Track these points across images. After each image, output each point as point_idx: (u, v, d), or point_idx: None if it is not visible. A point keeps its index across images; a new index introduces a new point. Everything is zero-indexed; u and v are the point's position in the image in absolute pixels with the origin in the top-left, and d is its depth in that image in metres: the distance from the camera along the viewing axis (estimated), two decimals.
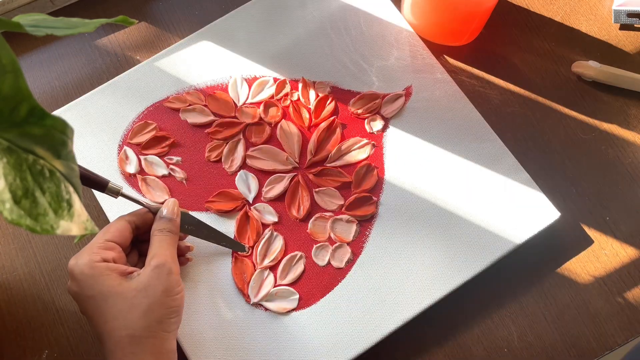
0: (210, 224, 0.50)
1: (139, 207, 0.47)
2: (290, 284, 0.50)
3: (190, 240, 0.50)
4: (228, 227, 0.51)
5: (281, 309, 0.49)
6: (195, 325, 0.49)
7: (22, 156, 0.23)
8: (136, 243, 0.48)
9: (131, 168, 0.53)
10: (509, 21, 0.59)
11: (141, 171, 0.53)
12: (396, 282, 0.49)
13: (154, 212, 0.47)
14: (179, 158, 0.53)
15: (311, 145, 0.53)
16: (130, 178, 0.53)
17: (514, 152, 0.53)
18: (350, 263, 0.50)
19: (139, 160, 0.53)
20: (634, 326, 0.50)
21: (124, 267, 0.43)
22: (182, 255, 0.49)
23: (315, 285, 0.50)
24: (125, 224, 0.45)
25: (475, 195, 0.52)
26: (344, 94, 0.55)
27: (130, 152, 0.53)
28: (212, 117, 0.54)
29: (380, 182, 0.53)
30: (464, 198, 0.52)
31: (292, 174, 0.53)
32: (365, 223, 0.51)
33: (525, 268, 0.52)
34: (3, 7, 0.56)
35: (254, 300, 0.49)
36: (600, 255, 0.52)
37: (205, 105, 0.55)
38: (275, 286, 0.50)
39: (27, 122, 0.24)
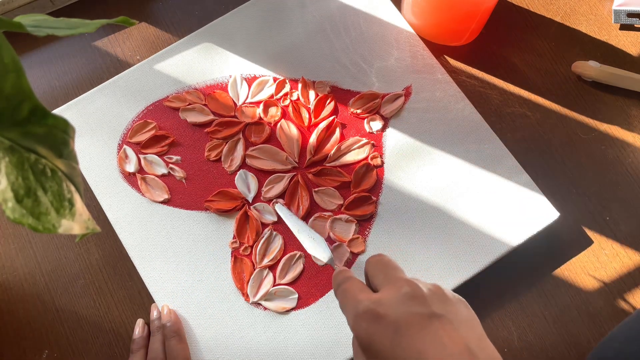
0: (209, 223, 0.50)
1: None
2: (290, 284, 0.50)
3: (188, 236, 0.50)
4: (227, 226, 0.51)
5: (280, 308, 0.49)
6: (194, 325, 0.49)
7: (24, 155, 0.23)
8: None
9: (131, 167, 0.53)
10: (509, 21, 0.59)
11: (141, 170, 0.53)
12: None
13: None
14: (179, 157, 0.53)
15: (311, 145, 0.53)
16: (129, 177, 0.53)
17: (514, 153, 0.53)
18: (349, 262, 0.50)
19: (139, 159, 0.53)
20: None
21: None
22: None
23: (314, 284, 0.50)
24: None
25: (475, 196, 0.52)
26: (343, 93, 0.55)
27: (129, 151, 0.53)
28: (211, 117, 0.54)
29: (379, 182, 0.53)
30: (464, 198, 0.52)
31: (291, 174, 0.53)
32: (364, 223, 0.51)
33: (525, 268, 0.52)
34: (3, 7, 0.56)
35: (253, 299, 0.49)
36: (600, 255, 0.52)
37: (205, 105, 0.55)
38: (274, 285, 0.50)
39: (29, 122, 0.24)
